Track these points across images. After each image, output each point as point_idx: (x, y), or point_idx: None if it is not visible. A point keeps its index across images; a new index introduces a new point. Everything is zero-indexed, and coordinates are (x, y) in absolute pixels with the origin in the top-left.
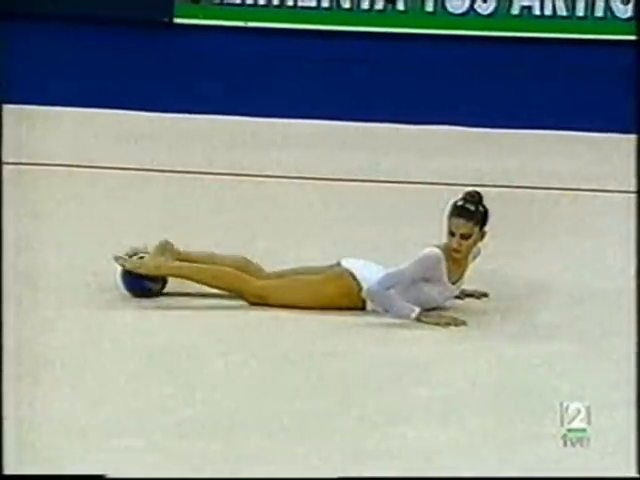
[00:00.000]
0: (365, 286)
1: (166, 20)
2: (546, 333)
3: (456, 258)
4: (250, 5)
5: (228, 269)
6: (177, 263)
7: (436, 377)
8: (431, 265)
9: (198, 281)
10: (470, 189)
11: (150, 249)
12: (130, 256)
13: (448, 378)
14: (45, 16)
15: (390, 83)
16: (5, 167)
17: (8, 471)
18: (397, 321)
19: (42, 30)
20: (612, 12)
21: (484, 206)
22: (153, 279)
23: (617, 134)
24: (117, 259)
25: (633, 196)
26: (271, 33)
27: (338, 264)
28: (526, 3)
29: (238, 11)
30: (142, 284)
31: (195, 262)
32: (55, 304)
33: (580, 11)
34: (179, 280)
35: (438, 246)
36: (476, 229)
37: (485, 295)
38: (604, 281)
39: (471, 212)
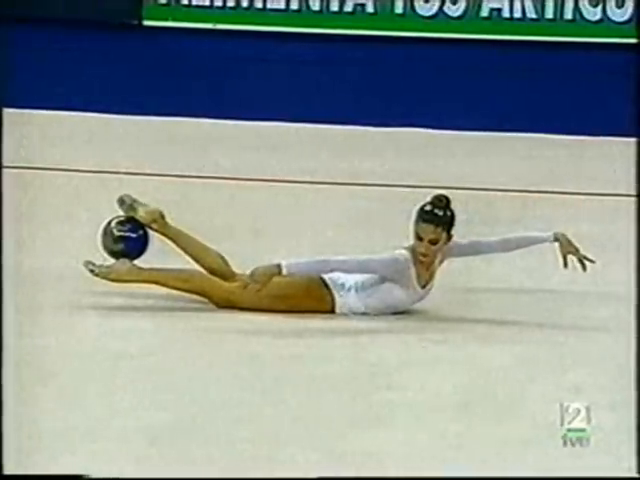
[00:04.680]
0: (336, 294)
1: (135, 22)
2: (516, 335)
3: (423, 262)
4: (219, 7)
5: (198, 272)
6: (146, 268)
7: (407, 380)
8: (400, 268)
9: (168, 286)
10: (438, 193)
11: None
12: (130, 205)
13: (419, 381)
14: (11, 18)
15: (360, 85)
16: None
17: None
18: (366, 324)
19: (7, 33)
20: (581, 14)
21: (452, 210)
22: (134, 238)
23: (586, 136)
24: (87, 264)
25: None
26: (240, 35)
27: None
28: (495, 5)
29: (207, 13)
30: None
31: (183, 243)
32: (34, 306)
33: (549, 13)
34: (147, 285)
35: (406, 249)
36: (444, 234)
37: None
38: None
39: (439, 217)
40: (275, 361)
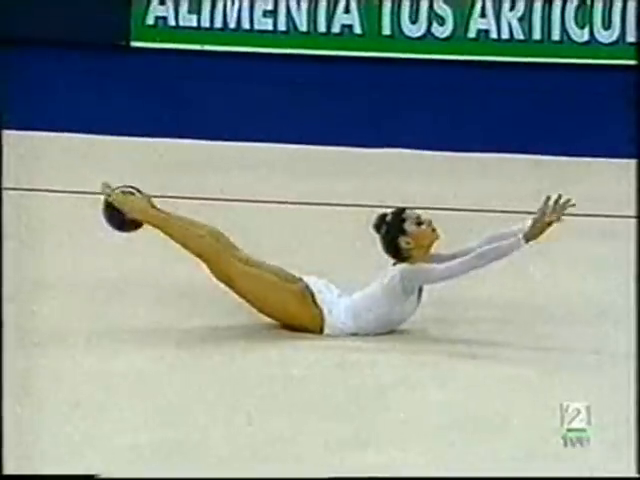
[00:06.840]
0: (326, 313)
1: (123, 43)
2: (506, 354)
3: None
4: (206, 28)
5: (216, 232)
6: (163, 212)
7: (396, 401)
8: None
9: (177, 239)
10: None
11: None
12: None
13: (408, 402)
14: None
15: (348, 106)
16: None
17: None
18: (355, 345)
19: None
20: (568, 36)
21: None
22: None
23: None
24: (105, 188)
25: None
26: (227, 56)
27: (300, 279)
28: (483, 27)
29: (194, 34)
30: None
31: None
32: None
33: (537, 35)
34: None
35: (399, 263)
36: None
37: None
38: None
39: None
40: (264, 382)
